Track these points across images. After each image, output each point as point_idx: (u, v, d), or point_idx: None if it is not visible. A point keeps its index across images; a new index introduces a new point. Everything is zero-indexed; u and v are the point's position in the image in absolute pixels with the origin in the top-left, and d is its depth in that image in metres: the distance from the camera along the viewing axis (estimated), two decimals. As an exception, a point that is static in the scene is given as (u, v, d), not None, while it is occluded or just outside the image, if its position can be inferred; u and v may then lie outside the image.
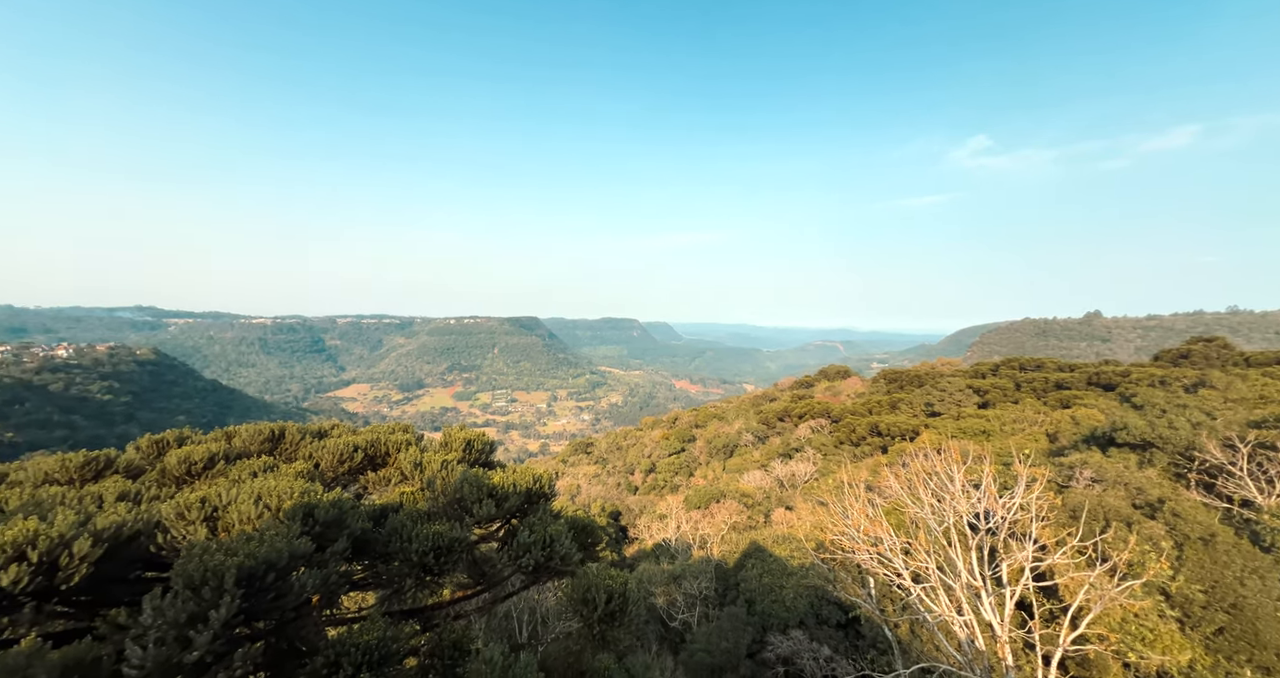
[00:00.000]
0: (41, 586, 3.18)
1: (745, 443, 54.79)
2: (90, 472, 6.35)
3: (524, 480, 6.53)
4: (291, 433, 7.90)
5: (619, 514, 40.24)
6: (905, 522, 11.85)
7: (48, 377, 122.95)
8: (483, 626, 10.93)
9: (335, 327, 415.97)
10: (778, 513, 25.66)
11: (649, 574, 17.80)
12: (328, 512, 4.56)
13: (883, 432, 40.10)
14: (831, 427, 47.67)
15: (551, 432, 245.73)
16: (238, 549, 3.31)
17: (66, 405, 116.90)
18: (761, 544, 17.94)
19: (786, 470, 37.25)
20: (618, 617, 5.58)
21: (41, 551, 3.10)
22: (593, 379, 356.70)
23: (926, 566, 8.62)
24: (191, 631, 2.87)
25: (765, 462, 44.02)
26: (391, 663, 3.90)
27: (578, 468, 65.24)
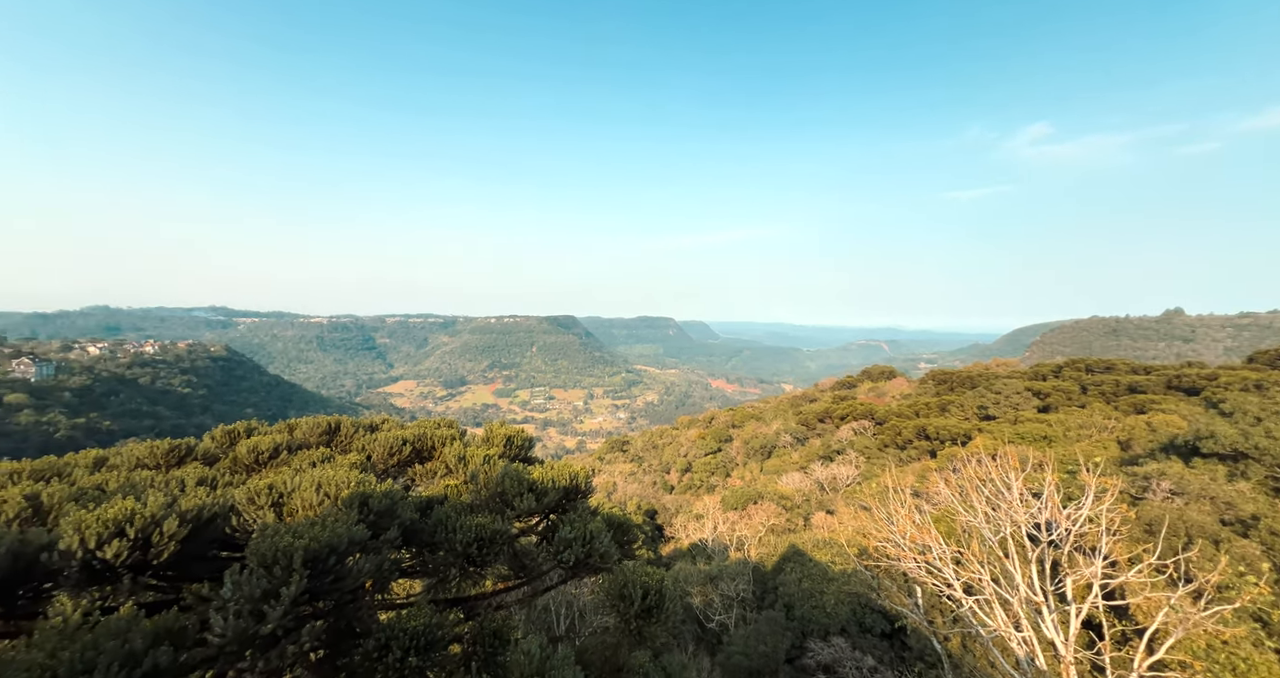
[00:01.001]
0: (136, 560, 3.51)
1: (784, 444, 53.62)
2: (174, 458, 6.96)
3: (562, 477, 6.65)
4: (346, 426, 8.37)
5: (655, 513, 40.32)
6: (956, 530, 11.27)
7: (138, 371, 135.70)
8: (522, 617, 11.23)
9: (384, 325, 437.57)
10: (818, 517, 24.99)
11: (685, 574, 17.74)
12: (380, 501, 4.79)
13: (931, 435, 38.26)
14: (875, 429, 45.93)
15: (588, 429, 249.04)
16: (303, 533, 3.53)
17: (153, 397, 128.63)
18: (801, 548, 17.51)
19: (827, 473, 36.19)
20: (654, 613, 5.59)
21: (137, 528, 3.43)
22: (628, 378, 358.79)
23: (980, 577, 8.16)
24: (265, 605, 3.09)
25: (804, 464, 42.93)
26: (437, 649, 4.07)
27: (614, 466, 65.82)
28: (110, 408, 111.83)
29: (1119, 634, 10.36)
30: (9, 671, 2.44)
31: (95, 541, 3.37)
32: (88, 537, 3.37)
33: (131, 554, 3.50)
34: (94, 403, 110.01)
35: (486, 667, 4.41)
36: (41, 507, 4.24)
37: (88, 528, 3.38)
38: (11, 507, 4.11)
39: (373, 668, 3.84)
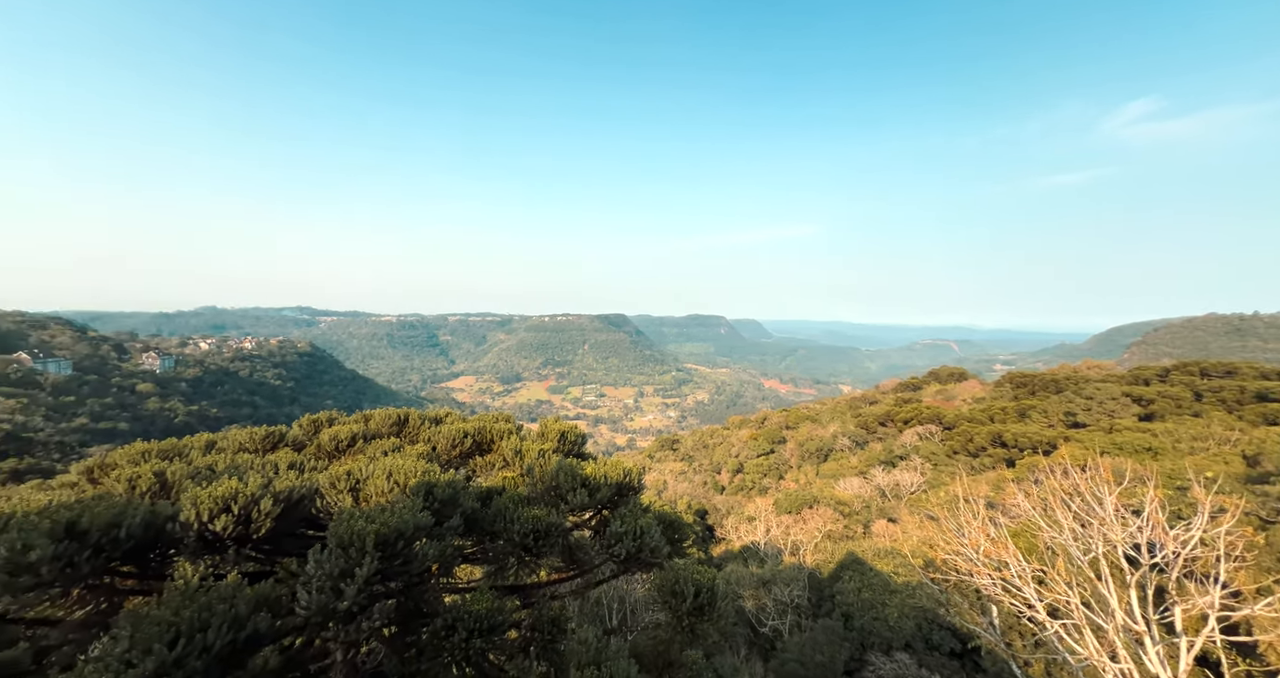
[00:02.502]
0: (240, 533, 3.93)
1: (841, 448, 51.40)
2: (269, 443, 7.72)
3: (614, 473, 6.72)
4: (414, 419, 8.91)
5: (705, 513, 39.97)
6: (1038, 547, 10.30)
7: (239, 364, 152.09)
8: (576, 608, 11.51)
9: (447, 324, 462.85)
10: (878, 525, 23.75)
11: (737, 576, 17.44)
12: (444, 491, 5.06)
13: (1008, 442, 35.28)
14: (943, 434, 42.98)
15: (638, 427, 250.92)
16: (376, 517, 3.80)
17: (250, 388, 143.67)
18: (860, 556, 16.70)
19: (889, 479, 34.31)
20: (706, 612, 5.54)
21: (240, 505, 3.83)
22: (679, 376, 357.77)
23: (1067, 600, 7.41)
24: (343, 583, 3.36)
25: (864, 469, 40.93)
26: (498, 633, 4.24)
27: (664, 464, 65.90)
28: (217, 397, 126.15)
29: (1244, 674, 9.04)
30: (144, 624, 2.80)
31: (208, 514, 3.80)
32: (201, 511, 3.81)
33: (235, 528, 3.92)
34: (204, 392, 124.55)
35: (544, 654, 4.55)
36: (166, 483, 4.84)
37: (201, 503, 3.82)
38: (144, 482, 4.73)
39: (440, 647, 4.07)
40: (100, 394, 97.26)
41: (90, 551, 3.26)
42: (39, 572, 3.05)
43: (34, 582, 3.07)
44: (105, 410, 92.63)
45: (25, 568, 3.01)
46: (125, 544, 3.47)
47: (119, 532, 3.42)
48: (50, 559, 3.05)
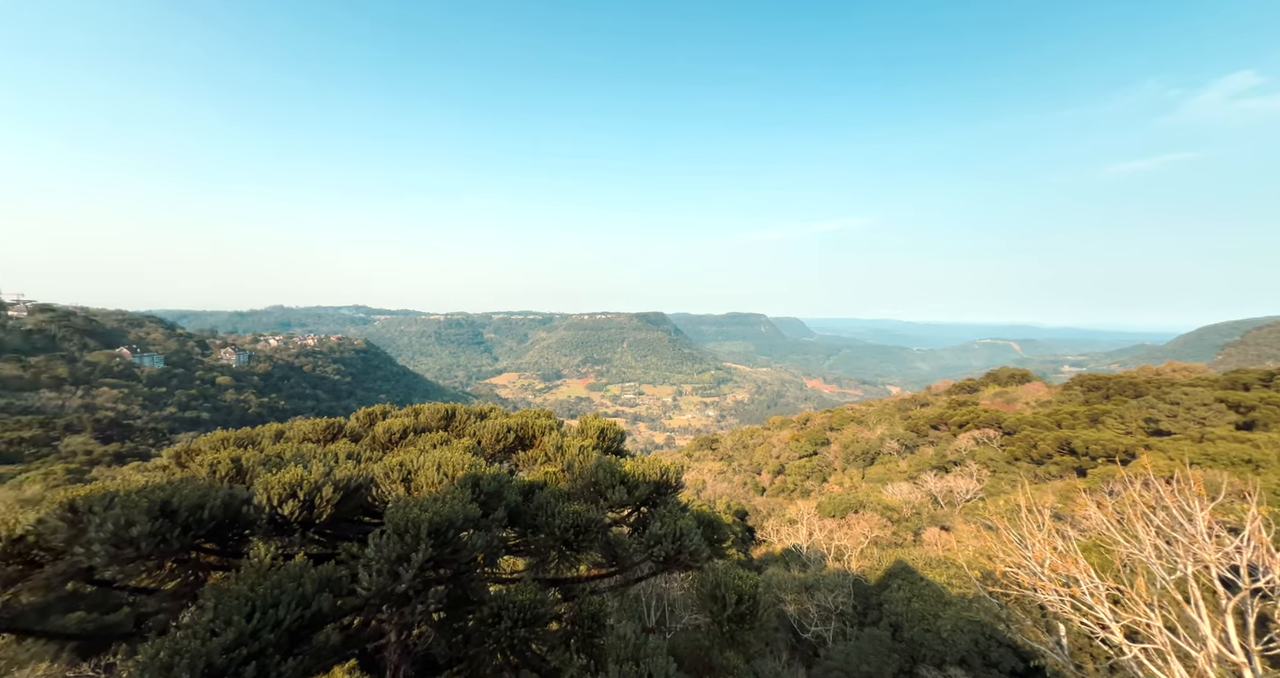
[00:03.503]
0: (304, 517, 4.21)
1: (889, 451, 49.28)
2: (329, 434, 8.24)
3: (653, 471, 6.73)
4: (460, 413, 9.26)
5: (745, 514, 39.39)
6: (1113, 564, 9.48)
7: (303, 360, 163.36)
8: (615, 604, 11.62)
9: (491, 322, 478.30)
10: (930, 532, 22.60)
11: (779, 580, 17.07)
12: (490, 483, 5.23)
13: (1077, 450, 32.70)
14: (1003, 439, 40.37)
15: (676, 426, 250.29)
16: (427, 507, 3.97)
17: (313, 382, 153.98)
18: (910, 565, 15.94)
19: (941, 485, 32.60)
20: (748, 619, 5.44)
21: (305, 492, 4.10)
22: (718, 375, 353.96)
23: (1148, 622, 6.78)
24: (399, 567, 3.53)
25: (914, 474, 39.09)
26: (540, 623, 4.34)
27: (703, 463, 65.41)
28: (284, 390, 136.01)
29: (1363, 719, 7.97)
30: (225, 597, 3.06)
31: (277, 499, 4.10)
32: (272, 496, 4.11)
33: (301, 513, 4.21)
34: (273, 385, 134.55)
35: (584, 647, 4.62)
36: (242, 469, 5.26)
37: (272, 489, 4.13)
38: (223, 467, 5.16)
39: (485, 634, 4.21)
40: (186, 386, 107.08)
41: (180, 528, 3.59)
42: (139, 545, 3.39)
43: (135, 554, 3.42)
44: (190, 401, 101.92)
45: (128, 541, 3.35)
46: (208, 524, 3.80)
47: (203, 512, 3.75)
48: (148, 535, 3.38)
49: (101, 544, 3.32)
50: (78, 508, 3.66)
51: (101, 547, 3.33)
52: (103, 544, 3.32)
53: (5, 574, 3.83)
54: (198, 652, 2.66)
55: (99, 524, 3.35)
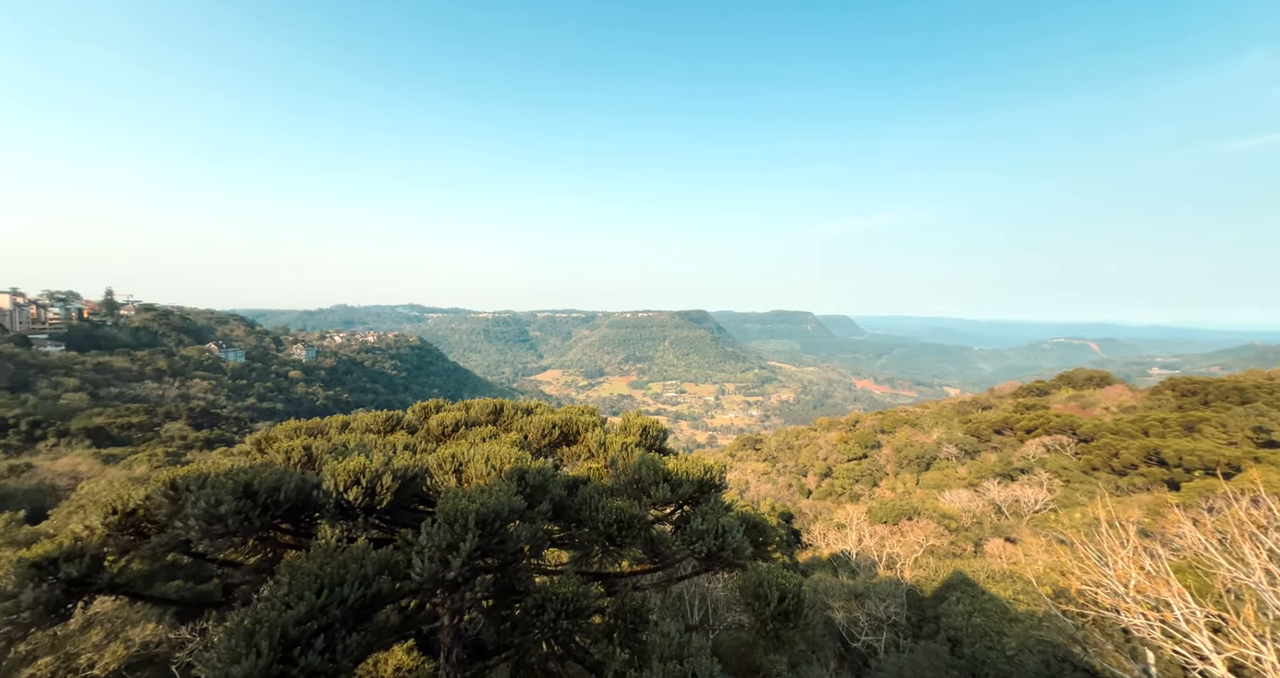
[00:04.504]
0: (366, 503, 4.49)
1: (946, 456, 46.58)
2: (388, 426, 8.74)
3: (696, 469, 6.69)
4: (508, 409, 9.57)
5: (790, 517, 38.43)
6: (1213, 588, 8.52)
7: (363, 356, 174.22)
8: (658, 602, 11.67)
9: (536, 320, 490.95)
10: (993, 544, 21.19)
11: (826, 585, 16.54)
12: (535, 477, 5.37)
13: (1168, 461, 29.64)
14: (1078, 447, 37.20)
15: (719, 425, 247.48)
16: (476, 498, 4.13)
17: (372, 376, 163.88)
18: (970, 577, 15.00)
19: (1006, 494, 30.47)
20: (791, 619, 5.31)
21: (367, 479, 4.37)
22: (761, 374, 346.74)
23: (1259, 656, 6.05)
24: (450, 555, 3.70)
25: (975, 481, 36.75)
26: (584, 616, 4.42)
27: (745, 464, 64.36)
28: (347, 384, 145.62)
29: None
30: (297, 574, 3.32)
31: (343, 485, 4.40)
32: (338, 482, 4.41)
33: (363, 499, 4.49)
34: (338, 379, 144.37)
35: (627, 641, 4.67)
36: (312, 456, 5.68)
37: (338, 476, 4.43)
38: (296, 455, 5.59)
39: (531, 624, 4.34)
40: (263, 379, 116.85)
41: (260, 508, 3.93)
42: (226, 522, 3.73)
43: (223, 530, 3.77)
44: (266, 392, 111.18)
45: (217, 518, 3.70)
46: (284, 505, 4.13)
47: (279, 495, 4.08)
48: (233, 513, 3.72)
49: (196, 519, 3.69)
50: (178, 487, 4.09)
51: (196, 522, 3.69)
52: (197, 519, 3.69)
53: (120, 543, 4.33)
54: (275, 622, 2.90)
55: (194, 502, 3.72)
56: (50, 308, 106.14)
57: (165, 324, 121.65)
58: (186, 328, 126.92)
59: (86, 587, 3.96)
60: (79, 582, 3.87)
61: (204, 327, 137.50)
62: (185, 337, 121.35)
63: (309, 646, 2.97)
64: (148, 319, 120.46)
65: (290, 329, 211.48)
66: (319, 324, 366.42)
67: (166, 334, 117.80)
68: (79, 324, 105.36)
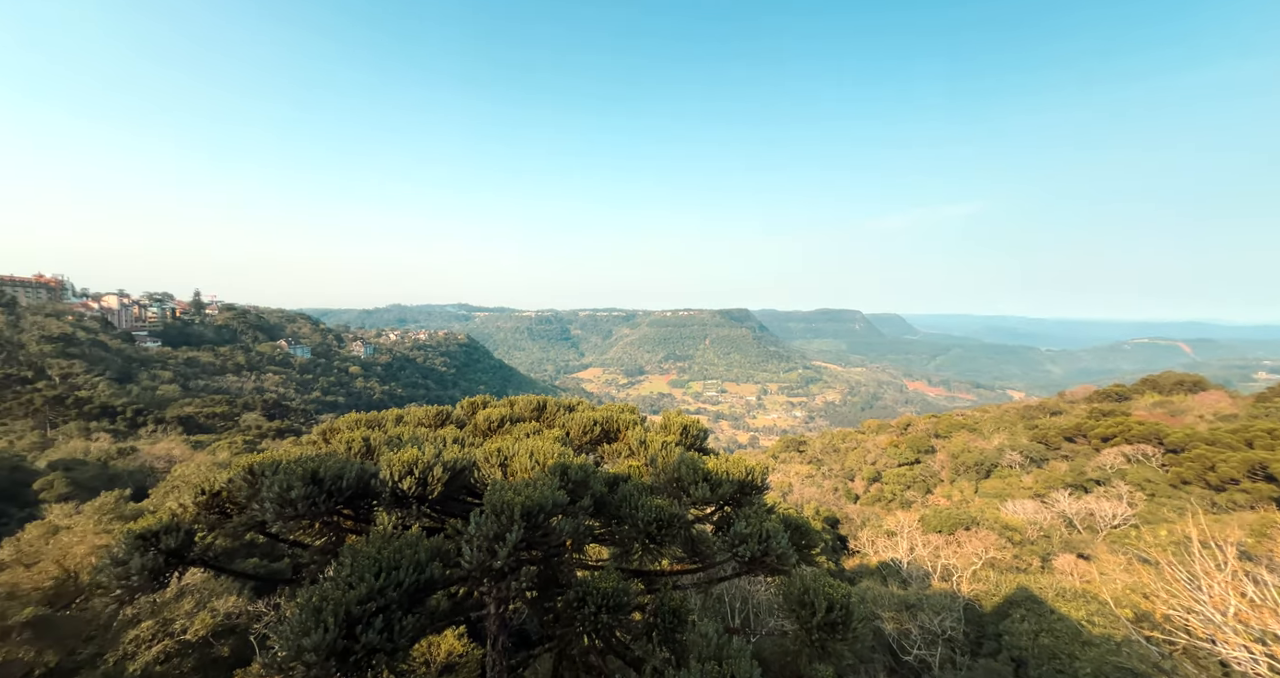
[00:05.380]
0: (419, 493, 4.72)
1: (1009, 463, 43.57)
2: (438, 420, 9.15)
3: (737, 470, 6.59)
4: (551, 405, 9.79)
5: (836, 522, 37.19)
6: (1331, 622, 7.52)
7: (415, 352, 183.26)
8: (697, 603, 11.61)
9: (578, 319, 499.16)
10: (1063, 560, 19.63)
11: (875, 594, 15.86)
12: (577, 473, 5.47)
13: (1277, 476, 26.42)
14: (1165, 458, 33.85)
15: (761, 425, 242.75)
16: (521, 491, 4.25)
17: (423, 372, 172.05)
18: (1037, 594, 13.95)
19: (1079, 507, 28.17)
20: (839, 630, 5.14)
21: (419, 470, 4.59)
22: (805, 374, 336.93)
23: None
24: (496, 545, 3.83)
25: (1042, 491, 34.21)
26: (624, 612, 4.46)
27: (789, 466, 62.79)
28: (401, 379, 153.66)
29: None
30: (358, 557, 3.54)
31: (398, 475, 4.65)
32: (394, 472, 4.66)
33: (416, 489, 4.73)
34: (392, 375, 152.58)
35: (666, 640, 4.67)
36: (370, 447, 6.03)
37: (393, 466, 4.68)
38: (356, 445, 5.95)
39: (572, 616, 4.42)
40: (326, 373, 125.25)
41: (325, 494, 4.22)
42: (296, 506, 4.03)
43: (293, 513, 4.08)
44: (329, 386, 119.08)
45: (288, 502, 4.00)
46: (345, 492, 4.41)
47: (341, 482, 4.36)
48: (302, 498, 4.02)
49: (270, 502, 4.01)
50: (255, 472, 4.46)
51: (270, 504, 4.02)
52: (271, 502, 4.01)
53: (207, 521, 4.77)
54: (340, 601, 3.10)
55: (269, 486, 4.04)
56: (149, 308, 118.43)
57: (243, 322, 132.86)
58: (261, 325, 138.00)
59: (181, 559, 4.40)
60: (175, 554, 4.30)
61: (276, 325, 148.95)
62: (260, 334, 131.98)
63: (369, 624, 3.17)
64: (229, 318, 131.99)
65: (350, 327, 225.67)
66: (376, 322, 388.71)
67: (244, 331, 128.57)
68: (172, 322, 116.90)
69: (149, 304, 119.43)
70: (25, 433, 42.22)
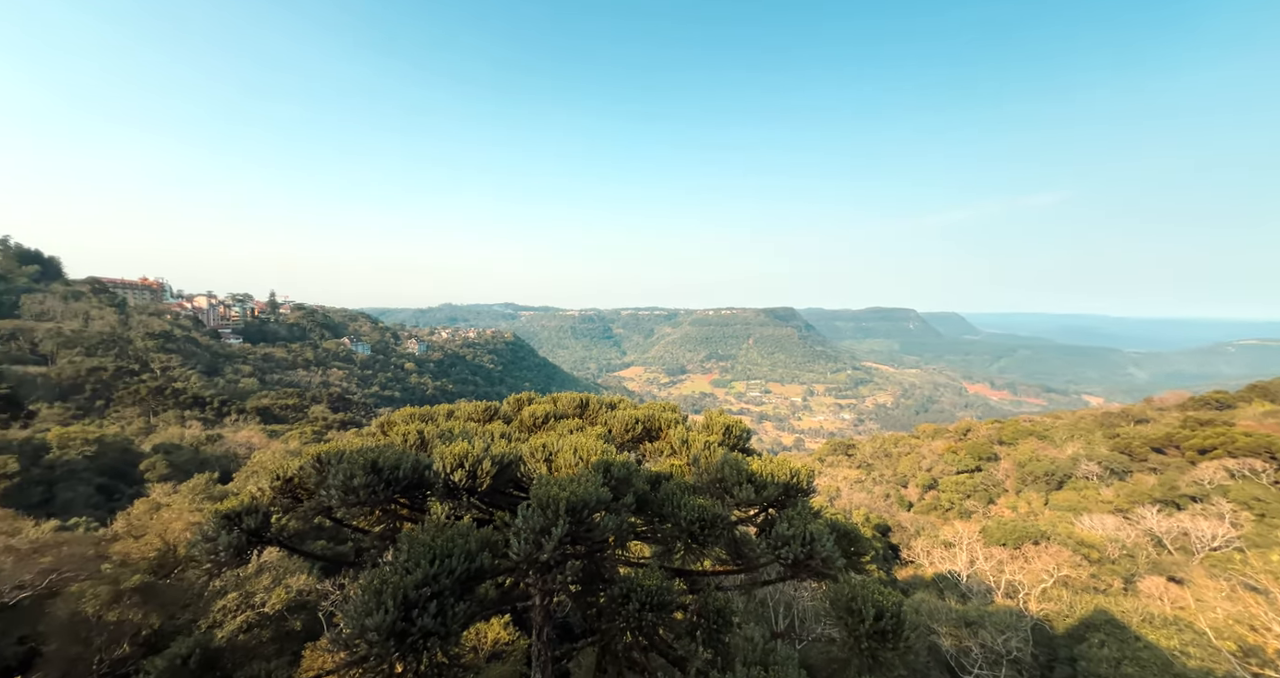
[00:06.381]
0: (469, 485, 4.91)
1: (1085, 475, 40.06)
2: (487, 415, 9.48)
3: (781, 472, 6.42)
4: (593, 403, 9.92)
5: (887, 530, 35.55)
6: None
7: (465, 350, 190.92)
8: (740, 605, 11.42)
9: (620, 318, 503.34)
10: (1150, 583, 17.84)
11: (930, 607, 15.03)
12: (620, 470, 5.51)
13: None
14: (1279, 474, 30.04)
15: (806, 427, 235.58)
16: (566, 486, 4.33)
17: (472, 369, 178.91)
18: (1119, 618, 12.73)
19: (1170, 525, 25.53)
20: (890, 639, 4.90)
21: (470, 463, 4.77)
22: (855, 376, 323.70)
23: None
24: (542, 538, 3.91)
25: (1125, 506, 31.27)
26: (667, 610, 4.45)
27: (836, 470, 60.61)
28: (451, 375, 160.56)
29: None
30: (414, 544, 3.73)
31: (449, 467, 4.85)
32: (446, 464, 4.87)
33: (466, 481, 4.92)
34: (443, 371, 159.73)
35: (710, 642, 4.62)
36: (424, 440, 6.33)
37: (445, 458, 4.89)
38: (411, 437, 6.26)
39: (616, 612, 4.46)
40: (384, 370, 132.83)
41: (384, 483, 4.47)
42: (358, 493, 4.30)
43: (356, 500, 4.35)
44: (387, 381, 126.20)
45: (352, 490, 4.27)
46: (402, 482, 4.65)
47: (399, 472, 4.61)
48: (364, 485, 4.27)
49: (336, 489, 4.29)
50: (322, 460, 4.78)
51: (336, 491, 4.30)
52: (336, 489, 4.29)
53: (282, 504, 5.17)
54: (398, 584, 3.28)
55: (334, 474, 4.33)
56: (232, 307, 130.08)
57: (311, 321, 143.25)
58: (327, 324, 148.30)
59: (260, 538, 4.79)
60: (255, 533, 4.70)
61: (339, 323, 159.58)
62: (326, 331, 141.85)
63: (424, 608, 3.33)
64: (299, 316, 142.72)
65: (405, 325, 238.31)
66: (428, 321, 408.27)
67: (312, 329, 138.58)
68: (251, 321, 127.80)
69: (232, 304, 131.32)
70: (133, 419, 47.50)
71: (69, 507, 24.16)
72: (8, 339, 60.58)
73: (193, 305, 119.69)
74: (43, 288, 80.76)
